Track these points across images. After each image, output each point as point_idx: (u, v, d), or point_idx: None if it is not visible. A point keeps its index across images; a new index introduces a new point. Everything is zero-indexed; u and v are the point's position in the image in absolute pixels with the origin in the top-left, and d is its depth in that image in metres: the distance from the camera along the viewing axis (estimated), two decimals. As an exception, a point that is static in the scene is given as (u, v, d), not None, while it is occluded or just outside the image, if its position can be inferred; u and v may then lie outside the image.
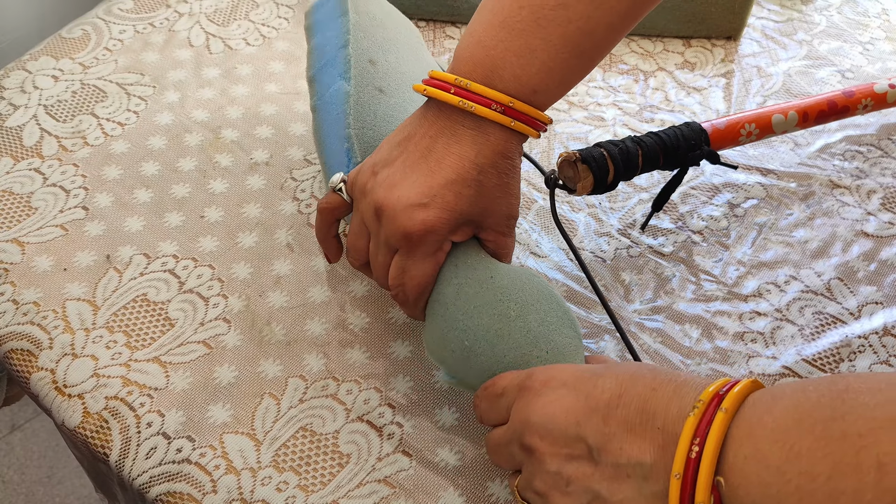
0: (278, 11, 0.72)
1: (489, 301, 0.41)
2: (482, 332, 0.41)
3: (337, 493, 0.43)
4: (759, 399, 0.30)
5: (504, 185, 0.42)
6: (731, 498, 0.29)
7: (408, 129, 0.43)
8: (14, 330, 0.49)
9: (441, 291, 0.43)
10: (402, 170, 0.41)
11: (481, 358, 0.41)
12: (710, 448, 0.29)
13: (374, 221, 0.42)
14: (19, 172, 0.58)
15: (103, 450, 0.45)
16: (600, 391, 0.34)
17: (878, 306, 0.53)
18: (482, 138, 0.41)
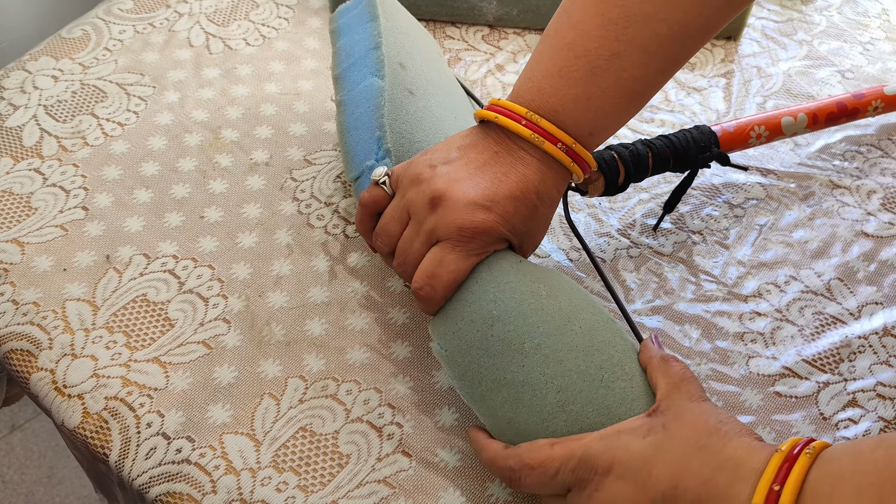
0: (278, 12, 0.72)
1: (521, 280, 0.42)
2: (514, 304, 0.41)
3: (337, 494, 0.43)
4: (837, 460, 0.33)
5: (547, 215, 0.45)
6: None
7: (469, 139, 0.45)
8: (14, 330, 0.49)
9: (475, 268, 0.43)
10: (465, 170, 0.43)
11: (509, 327, 0.41)
12: None
13: (426, 209, 0.43)
14: (19, 173, 0.58)
15: (103, 450, 0.45)
16: (655, 481, 0.36)
17: (878, 306, 0.53)
18: (546, 169, 0.43)
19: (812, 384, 0.49)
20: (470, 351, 0.41)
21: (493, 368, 0.41)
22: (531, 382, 0.40)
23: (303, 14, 0.72)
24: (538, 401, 0.40)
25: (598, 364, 0.40)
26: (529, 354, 0.40)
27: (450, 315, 0.43)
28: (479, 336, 0.41)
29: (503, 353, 0.41)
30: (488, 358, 0.41)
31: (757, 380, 0.49)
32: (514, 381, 0.40)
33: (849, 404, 0.48)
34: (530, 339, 0.40)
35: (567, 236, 0.56)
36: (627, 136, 0.63)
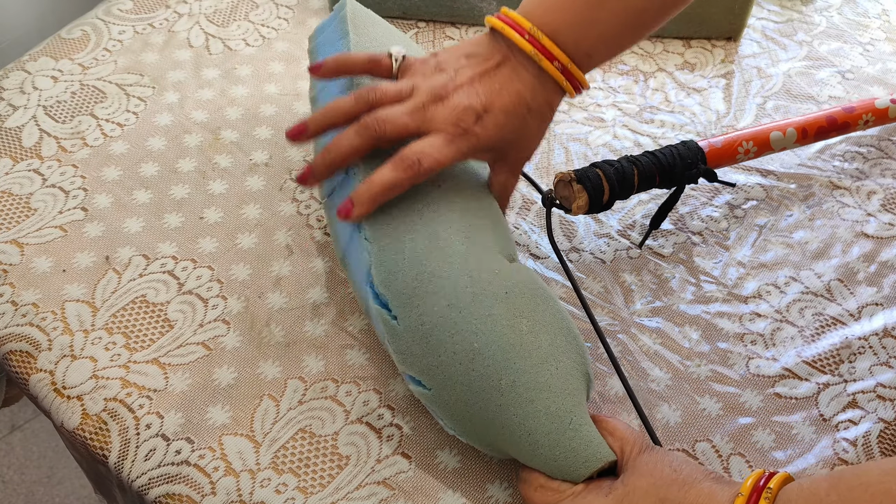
0: (278, 12, 0.71)
1: (503, 313, 0.42)
2: (495, 338, 0.41)
3: (336, 495, 0.43)
4: None
5: (539, 128, 0.49)
6: None
7: (474, 48, 0.48)
8: (13, 331, 0.49)
9: (456, 296, 0.42)
10: (469, 78, 0.47)
11: (488, 361, 0.41)
12: None
13: (429, 101, 0.47)
14: (18, 173, 0.57)
15: (102, 451, 0.45)
16: None
17: (878, 307, 0.52)
18: (539, 85, 0.47)
19: (812, 385, 0.49)
20: (455, 387, 0.41)
21: (476, 407, 0.41)
22: (507, 424, 0.40)
23: (302, 14, 0.71)
24: (514, 443, 0.40)
25: (568, 407, 0.40)
26: (505, 392, 0.40)
27: (433, 347, 0.42)
28: (462, 370, 0.41)
29: (483, 390, 0.41)
30: (472, 394, 0.41)
31: (757, 381, 0.49)
32: (494, 421, 0.41)
33: (849, 405, 0.48)
34: (507, 375, 0.41)
35: (567, 236, 0.56)
36: (627, 136, 0.63)
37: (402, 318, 0.43)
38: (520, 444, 0.40)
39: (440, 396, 0.42)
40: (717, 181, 0.53)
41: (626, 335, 0.51)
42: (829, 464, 0.45)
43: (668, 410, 0.47)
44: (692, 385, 0.49)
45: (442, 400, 0.42)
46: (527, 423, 0.40)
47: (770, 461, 0.45)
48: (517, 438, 0.40)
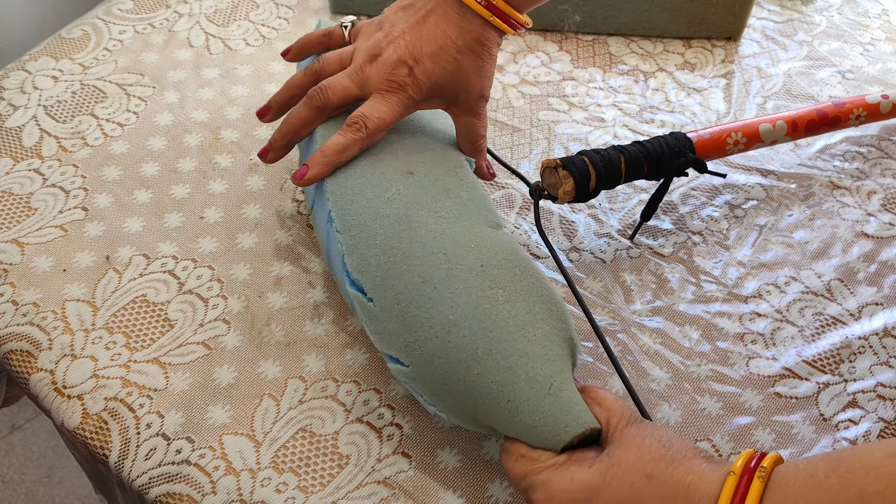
0: (278, 12, 0.72)
1: (478, 285, 0.42)
2: (470, 310, 0.41)
3: (336, 495, 0.43)
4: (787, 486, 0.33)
5: (478, 67, 0.49)
6: None
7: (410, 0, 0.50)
8: (13, 331, 0.49)
9: (430, 273, 0.42)
10: (401, 30, 0.49)
11: (464, 332, 0.40)
12: None
13: (366, 61, 0.49)
14: (19, 173, 0.57)
15: (103, 451, 0.45)
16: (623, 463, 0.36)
17: (879, 307, 0.52)
18: (465, 24, 0.48)
19: (812, 385, 0.49)
20: (433, 361, 0.41)
21: (455, 379, 0.40)
22: (486, 392, 0.40)
23: (303, 14, 0.72)
24: (493, 410, 0.40)
25: (548, 373, 0.39)
26: (482, 360, 0.40)
27: (409, 323, 0.42)
28: (438, 343, 0.41)
29: (461, 360, 0.40)
30: (450, 366, 0.41)
31: (757, 381, 0.49)
32: (473, 391, 0.40)
33: (849, 405, 0.48)
34: (483, 344, 0.40)
35: (567, 236, 0.56)
36: (627, 136, 0.63)
37: (377, 300, 0.43)
38: (500, 413, 0.39)
39: (420, 372, 0.42)
40: (707, 171, 0.53)
41: (626, 335, 0.51)
42: (829, 463, 0.45)
43: (669, 410, 0.47)
44: (692, 385, 0.49)
45: (421, 376, 0.42)
46: (505, 390, 0.39)
47: (770, 461, 0.45)
48: (497, 406, 0.39)
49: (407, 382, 0.42)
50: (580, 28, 0.71)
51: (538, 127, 0.63)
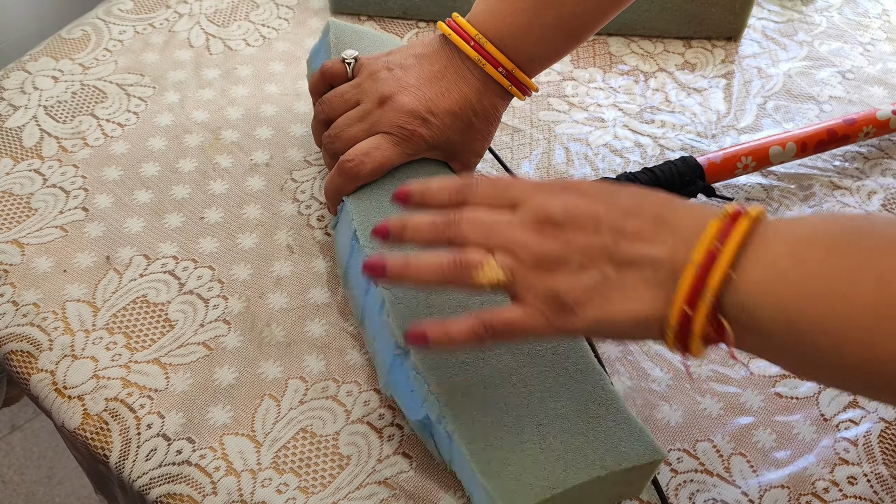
0: (278, 12, 0.72)
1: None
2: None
3: (337, 495, 0.43)
4: (779, 220, 0.34)
5: (486, 130, 0.51)
6: (734, 294, 0.33)
7: (425, 49, 0.51)
8: (14, 331, 0.49)
9: (466, 300, 0.44)
10: (416, 79, 0.49)
11: (501, 359, 0.43)
12: (732, 247, 0.33)
13: (375, 103, 0.49)
14: (19, 173, 0.57)
15: (103, 451, 0.45)
16: (617, 200, 0.37)
17: (879, 307, 0.52)
18: (484, 89, 0.49)
19: (813, 385, 0.49)
20: (461, 366, 0.43)
21: (479, 387, 0.42)
22: (515, 409, 0.41)
23: (303, 15, 0.72)
24: (519, 427, 0.41)
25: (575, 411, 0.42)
26: (517, 385, 0.42)
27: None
28: (472, 356, 0.43)
29: (492, 377, 0.42)
30: (478, 377, 0.42)
31: (758, 381, 0.49)
32: (499, 402, 0.42)
33: (849, 405, 0.48)
34: (516, 374, 0.43)
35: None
36: (628, 136, 0.63)
37: (405, 301, 0.45)
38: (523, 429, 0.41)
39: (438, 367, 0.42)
40: (716, 196, 0.55)
41: (626, 335, 0.51)
42: (829, 464, 0.45)
43: (669, 410, 0.47)
44: (693, 385, 0.49)
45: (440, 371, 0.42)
46: (537, 416, 0.41)
47: (771, 460, 0.45)
48: (523, 422, 0.41)
49: (417, 373, 0.42)
50: (580, 28, 0.71)
51: (538, 127, 0.63)
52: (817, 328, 0.31)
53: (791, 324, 0.32)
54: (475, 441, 0.40)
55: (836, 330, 0.30)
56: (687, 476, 0.45)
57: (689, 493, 0.44)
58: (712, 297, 0.33)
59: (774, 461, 0.45)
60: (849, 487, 0.44)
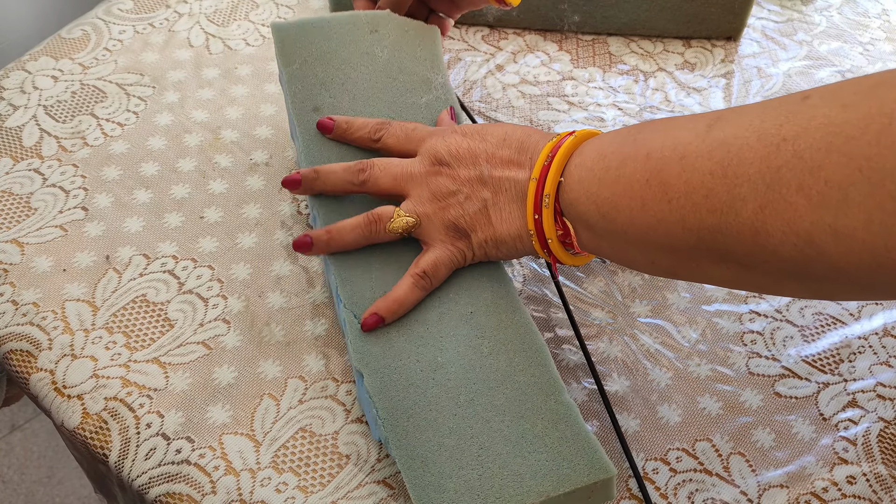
0: (278, 12, 0.72)
1: (466, 333, 0.44)
2: (458, 357, 0.43)
3: (336, 494, 0.43)
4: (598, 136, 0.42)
5: None
6: (566, 196, 0.41)
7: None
8: (13, 331, 0.49)
9: (424, 315, 0.45)
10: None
11: (450, 376, 0.42)
12: (558, 159, 0.41)
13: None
14: (19, 173, 0.57)
15: (103, 451, 0.45)
16: (490, 137, 0.45)
17: (878, 307, 0.53)
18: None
19: (812, 385, 0.49)
20: (409, 388, 0.42)
21: (425, 409, 0.42)
22: (458, 431, 0.41)
23: (303, 14, 0.72)
24: (460, 450, 0.40)
25: (520, 432, 0.41)
26: (463, 405, 0.42)
27: (396, 351, 0.43)
28: (422, 376, 0.43)
29: (439, 397, 0.42)
30: (424, 398, 0.42)
31: (757, 380, 0.49)
32: (443, 426, 0.41)
33: (849, 405, 0.48)
34: (465, 392, 0.42)
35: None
36: (627, 136, 0.63)
37: None
38: (463, 455, 0.40)
39: (387, 392, 0.42)
40: None
41: (626, 335, 0.51)
42: (828, 463, 0.45)
43: (668, 410, 0.47)
44: (692, 385, 0.49)
45: (388, 395, 0.42)
46: (479, 439, 0.41)
47: (770, 460, 0.45)
48: (464, 448, 0.40)
49: (369, 397, 0.42)
50: (580, 28, 0.71)
51: (538, 126, 0.63)
52: (614, 207, 0.38)
53: (599, 208, 0.39)
54: (413, 468, 0.40)
55: (625, 204, 0.37)
56: (686, 475, 0.45)
57: (689, 493, 0.44)
58: (550, 202, 0.41)
59: (773, 461, 0.45)
60: (848, 487, 0.44)
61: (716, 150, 0.33)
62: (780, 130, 0.31)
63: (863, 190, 0.28)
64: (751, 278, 0.35)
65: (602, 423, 0.47)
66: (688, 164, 0.34)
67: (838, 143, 0.29)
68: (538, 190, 0.41)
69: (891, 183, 0.28)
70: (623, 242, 0.39)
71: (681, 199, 0.34)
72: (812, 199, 0.30)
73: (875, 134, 0.28)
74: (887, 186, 0.28)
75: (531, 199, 0.42)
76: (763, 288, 0.35)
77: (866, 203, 0.28)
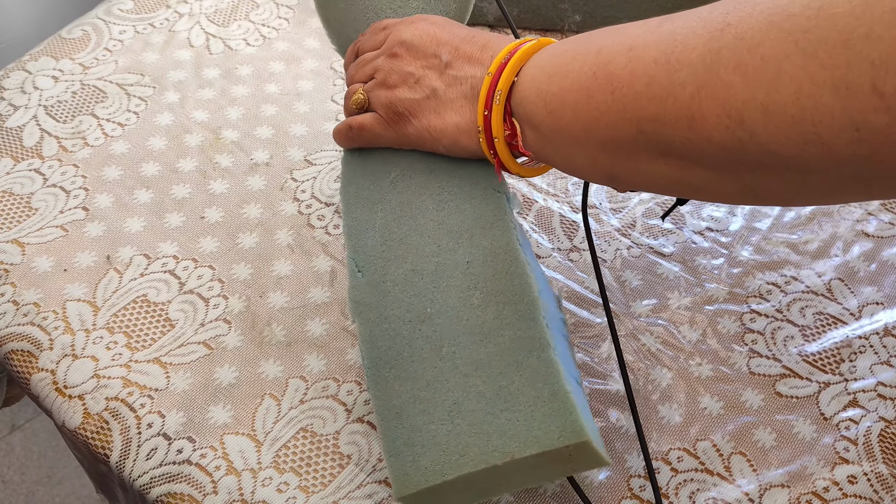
0: (278, 12, 0.72)
1: (458, 284, 0.42)
2: (447, 308, 0.42)
3: (337, 494, 0.43)
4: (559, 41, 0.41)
5: None
6: (517, 95, 0.40)
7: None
8: (14, 331, 0.49)
9: (422, 264, 0.43)
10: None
11: (435, 328, 0.41)
12: (516, 58, 0.41)
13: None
14: (19, 173, 0.57)
15: (104, 451, 0.45)
16: (458, 31, 0.45)
17: (879, 306, 0.53)
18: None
19: (813, 384, 0.49)
20: (395, 339, 0.42)
21: (408, 360, 0.41)
22: (434, 385, 0.40)
23: (303, 14, 0.72)
24: (433, 404, 0.39)
25: (495, 389, 0.39)
26: (444, 359, 0.40)
27: (389, 302, 0.43)
28: (409, 328, 0.42)
29: (422, 349, 0.41)
30: (408, 350, 0.41)
31: (758, 380, 0.49)
32: (420, 378, 0.40)
33: (850, 404, 0.48)
34: (448, 345, 0.41)
35: (568, 236, 0.56)
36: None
37: (366, 273, 0.44)
38: (436, 408, 0.39)
39: (378, 343, 0.42)
40: None
41: (626, 335, 0.51)
42: (829, 463, 0.45)
43: (669, 410, 0.47)
44: (693, 384, 0.49)
45: (377, 346, 0.42)
46: (453, 393, 0.39)
47: (771, 460, 0.45)
48: (439, 401, 0.39)
49: (360, 345, 0.42)
50: (580, 27, 0.71)
51: (538, 126, 0.63)
52: (560, 102, 0.38)
53: (547, 104, 0.38)
54: (387, 419, 0.39)
55: (571, 98, 0.37)
56: (687, 475, 0.45)
57: (690, 493, 0.44)
58: (502, 98, 0.40)
59: (774, 460, 0.45)
60: (849, 486, 0.44)
61: (663, 41, 0.33)
62: (725, 18, 0.31)
63: (796, 61, 0.28)
64: (689, 176, 0.34)
65: (606, 422, 0.47)
66: (634, 55, 0.34)
67: (779, 20, 0.29)
68: (492, 85, 0.41)
69: (824, 52, 0.27)
70: (566, 141, 0.38)
71: (623, 88, 0.34)
72: (748, 76, 0.29)
73: (816, 9, 0.28)
74: (820, 56, 0.27)
75: (483, 95, 0.41)
76: (702, 189, 0.35)
77: (798, 74, 0.28)
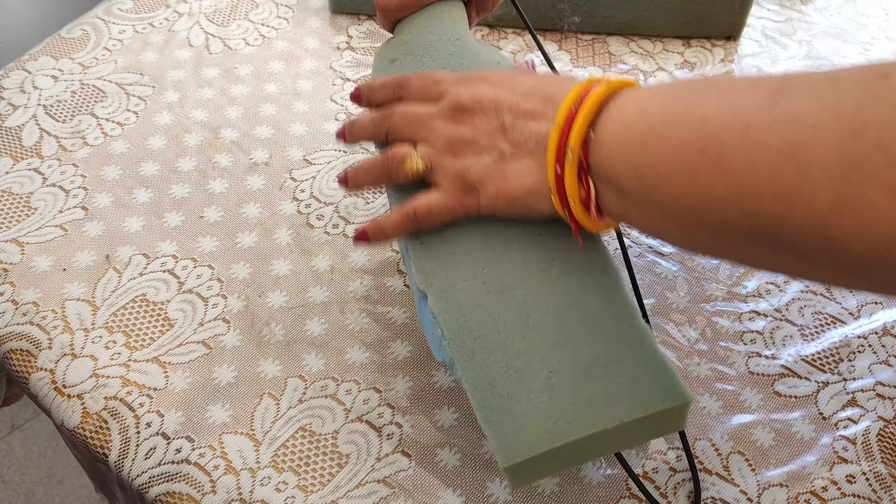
0: (278, 11, 0.72)
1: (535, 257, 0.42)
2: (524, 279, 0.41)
3: (336, 494, 0.43)
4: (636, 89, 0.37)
5: None
6: (596, 151, 0.36)
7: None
8: (13, 330, 0.49)
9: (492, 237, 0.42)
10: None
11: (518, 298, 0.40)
12: (587, 108, 0.36)
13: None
14: (19, 172, 0.58)
15: (103, 450, 0.45)
16: (518, 87, 0.41)
17: (878, 306, 0.53)
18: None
19: (812, 384, 0.49)
20: (474, 309, 0.40)
21: (492, 330, 0.40)
22: (527, 354, 0.39)
23: (302, 14, 0.72)
24: (528, 373, 0.39)
25: (591, 357, 0.39)
26: (532, 328, 0.39)
27: (460, 273, 0.41)
28: (488, 298, 0.40)
29: (507, 319, 0.40)
30: (491, 321, 0.40)
31: (757, 379, 0.49)
32: (510, 348, 0.39)
33: (848, 404, 0.48)
34: (534, 314, 0.40)
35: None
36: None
37: (429, 244, 0.43)
38: (534, 378, 0.38)
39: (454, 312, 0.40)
40: None
41: (625, 334, 0.51)
42: (828, 462, 0.45)
43: (668, 409, 0.47)
44: (692, 383, 0.49)
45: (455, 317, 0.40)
46: (549, 362, 0.39)
47: (770, 459, 0.45)
48: (535, 371, 0.38)
49: (433, 317, 0.41)
50: (580, 28, 0.71)
51: (538, 126, 0.63)
52: (655, 173, 0.34)
53: (638, 171, 0.34)
54: (480, 389, 0.38)
55: (668, 172, 0.33)
56: (686, 475, 0.45)
57: (688, 492, 0.44)
58: (575, 156, 0.36)
59: (773, 460, 0.45)
60: (847, 486, 0.44)
61: (786, 127, 0.29)
62: (859, 113, 0.27)
63: None
64: (808, 269, 0.31)
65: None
66: (751, 140, 0.30)
67: None
68: (561, 138, 0.37)
69: None
70: (659, 212, 0.35)
71: (740, 176, 0.30)
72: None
73: None
74: None
75: (552, 149, 0.37)
76: (821, 280, 0.32)
77: None
